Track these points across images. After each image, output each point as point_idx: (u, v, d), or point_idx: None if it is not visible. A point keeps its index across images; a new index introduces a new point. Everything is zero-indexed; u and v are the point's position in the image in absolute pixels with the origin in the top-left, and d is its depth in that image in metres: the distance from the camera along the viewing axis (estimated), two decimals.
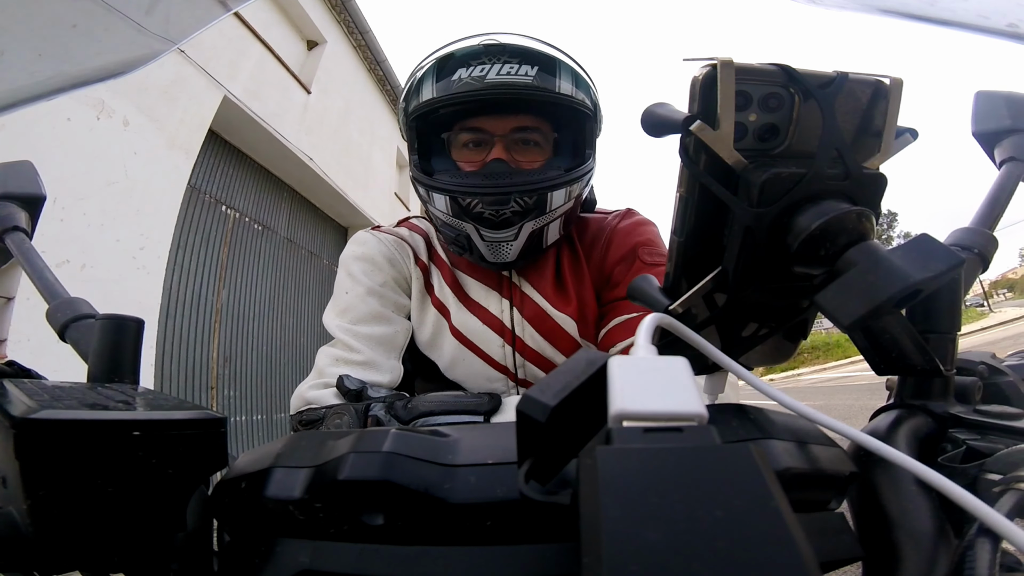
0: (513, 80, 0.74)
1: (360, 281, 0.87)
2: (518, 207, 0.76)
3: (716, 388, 0.40)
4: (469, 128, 0.80)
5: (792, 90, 0.32)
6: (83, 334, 0.48)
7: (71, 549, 0.24)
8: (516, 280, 0.90)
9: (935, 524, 0.29)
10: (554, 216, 0.79)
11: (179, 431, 0.26)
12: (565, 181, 0.78)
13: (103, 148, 3.61)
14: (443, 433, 0.29)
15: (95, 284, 3.41)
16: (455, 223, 0.79)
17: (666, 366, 0.23)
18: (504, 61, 0.74)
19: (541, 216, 0.78)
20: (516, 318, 0.88)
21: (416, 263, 0.92)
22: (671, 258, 0.35)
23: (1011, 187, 0.52)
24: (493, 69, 0.74)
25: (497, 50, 0.75)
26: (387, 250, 0.90)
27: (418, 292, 0.91)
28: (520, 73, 0.74)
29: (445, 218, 0.80)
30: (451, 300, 0.89)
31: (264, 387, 5.53)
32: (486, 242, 0.79)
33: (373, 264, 0.88)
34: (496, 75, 0.74)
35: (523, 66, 0.74)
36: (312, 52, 6.85)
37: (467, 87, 0.74)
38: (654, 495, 0.16)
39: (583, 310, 0.87)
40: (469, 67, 0.75)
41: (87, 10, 0.61)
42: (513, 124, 0.79)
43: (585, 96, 0.81)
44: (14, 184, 0.62)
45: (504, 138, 0.79)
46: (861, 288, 0.27)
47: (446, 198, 0.77)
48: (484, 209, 0.75)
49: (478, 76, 0.74)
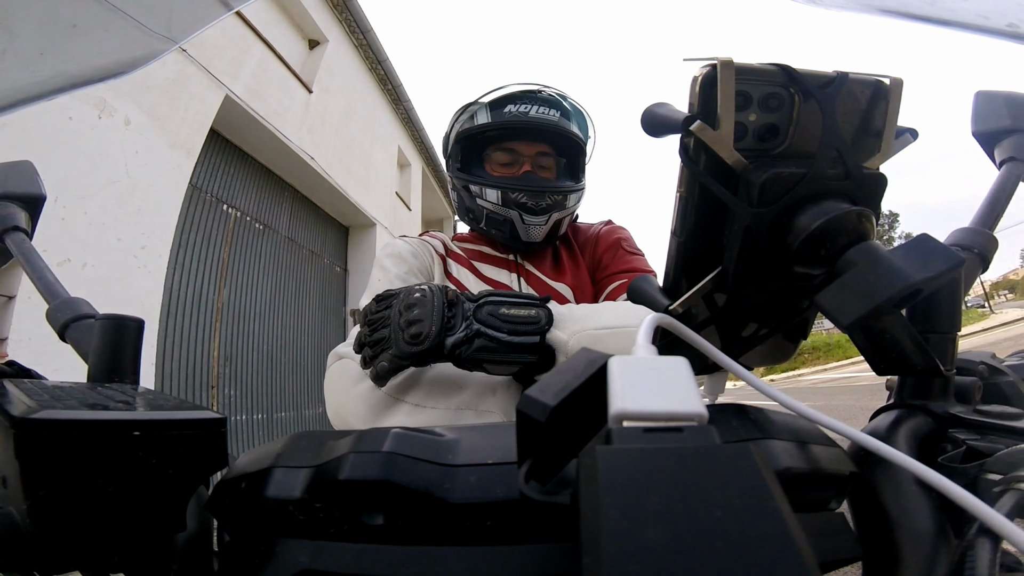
0: (545, 119, 1.04)
1: (389, 270, 1.02)
2: (550, 201, 1.03)
3: (716, 388, 0.40)
4: (506, 148, 1.06)
5: (792, 90, 0.32)
6: (83, 334, 0.48)
7: (71, 549, 0.24)
8: (521, 262, 1.13)
9: (935, 524, 0.29)
10: (568, 212, 1.08)
11: (179, 431, 0.26)
12: (576, 189, 1.08)
13: (105, 147, 3.61)
14: (443, 433, 0.29)
15: (96, 283, 3.41)
16: (502, 211, 1.04)
17: (666, 366, 0.23)
18: (540, 104, 1.05)
19: (562, 210, 1.05)
20: (523, 287, 1.09)
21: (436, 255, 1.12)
22: (671, 258, 0.35)
23: (1011, 187, 0.52)
24: (533, 109, 1.04)
25: (534, 96, 1.06)
26: (412, 248, 1.08)
27: (439, 276, 1.10)
28: (550, 115, 1.05)
29: (494, 207, 1.05)
30: (468, 277, 1.10)
31: (265, 386, 5.52)
32: (526, 224, 1.04)
33: (400, 258, 1.05)
34: (535, 113, 1.04)
35: (552, 110, 1.05)
36: (314, 51, 6.85)
37: (515, 118, 1.04)
38: (654, 495, 0.16)
39: (578, 282, 1.10)
40: (517, 104, 1.05)
41: (89, 9, 0.61)
42: (537, 149, 1.07)
43: (583, 136, 1.12)
44: (14, 184, 0.62)
45: (530, 159, 1.07)
46: (861, 288, 0.27)
47: (498, 191, 1.03)
48: (528, 200, 1.02)
49: (523, 112, 1.04)
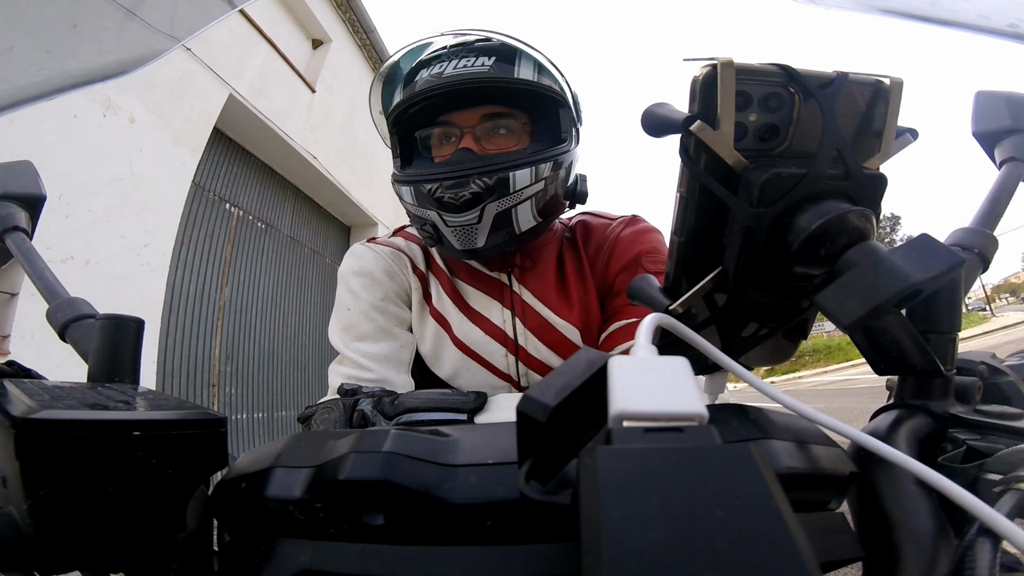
0: (470, 72, 0.78)
1: (361, 297, 0.88)
2: (477, 188, 0.76)
3: (716, 388, 0.40)
4: (438, 123, 0.82)
5: (792, 90, 0.32)
6: (83, 334, 0.48)
7: (71, 549, 0.24)
8: (517, 288, 0.90)
9: (935, 524, 0.29)
10: (521, 198, 0.79)
11: (179, 431, 0.26)
12: (527, 161, 0.78)
13: (109, 145, 3.62)
14: (443, 433, 0.29)
15: (99, 280, 3.42)
16: (420, 212, 0.81)
17: (666, 366, 0.23)
18: (461, 56, 0.79)
19: (505, 197, 0.78)
20: (519, 328, 0.88)
21: (414, 273, 0.93)
22: (671, 258, 0.35)
23: (1011, 187, 0.52)
24: (450, 65, 0.78)
25: (456, 49, 0.80)
26: (385, 263, 0.91)
27: (417, 302, 0.91)
28: (477, 65, 0.78)
29: (412, 209, 0.82)
30: (451, 310, 0.90)
31: (266, 385, 5.53)
32: (450, 227, 0.79)
33: (372, 279, 0.89)
34: (453, 70, 0.78)
35: (480, 58, 0.78)
36: (317, 51, 6.86)
37: (428, 84, 0.79)
38: (654, 495, 0.16)
39: (587, 317, 0.88)
40: (430, 67, 0.80)
41: (94, 7, 0.62)
42: (479, 114, 0.81)
43: (551, 82, 0.83)
44: (14, 184, 0.62)
45: (472, 129, 0.81)
46: (861, 288, 0.27)
47: (411, 188, 0.80)
48: (444, 193, 0.76)
49: (436, 73, 0.79)
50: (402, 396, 0.65)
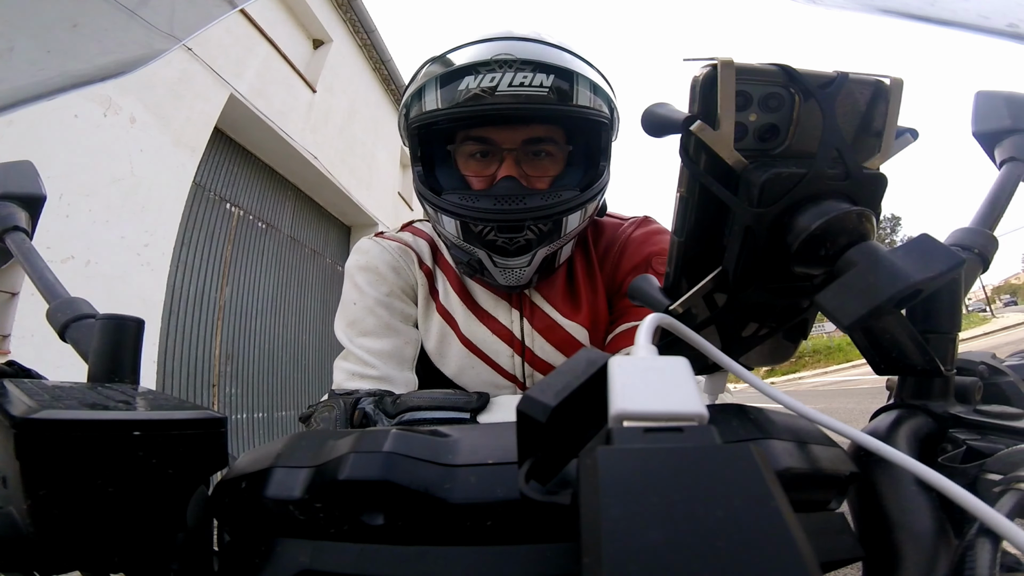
0: (527, 92, 0.67)
1: (366, 292, 0.86)
2: (532, 234, 0.71)
3: (716, 388, 0.40)
4: (476, 138, 0.74)
5: (792, 90, 0.32)
6: (83, 334, 0.48)
7: (71, 549, 0.24)
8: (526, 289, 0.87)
9: (935, 524, 0.29)
10: (569, 239, 0.76)
11: (179, 431, 0.26)
12: (581, 203, 0.73)
13: (109, 145, 3.62)
14: (443, 433, 0.29)
15: (99, 280, 3.41)
16: (466, 247, 0.75)
17: (666, 366, 0.23)
18: (517, 69, 0.67)
19: (555, 241, 0.74)
20: (526, 329, 0.87)
21: (420, 268, 0.91)
22: (671, 258, 0.35)
23: (1011, 187, 0.52)
24: (505, 79, 0.67)
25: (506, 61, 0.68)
26: (391, 258, 0.89)
27: (423, 299, 0.90)
28: (534, 84, 0.67)
29: (455, 241, 0.76)
30: (458, 308, 0.88)
31: (266, 385, 5.53)
32: (499, 268, 0.75)
33: (377, 274, 0.87)
34: (508, 86, 0.67)
35: (537, 75, 0.67)
36: (318, 51, 6.85)
37: (476, 100, 0.68)
38: (654, 495, 0.16)
39: (595, 319, 0.86)
40: (478, 75, 0.68)
41: (94, 7, 0.62)
42: (524, 136, 0.72)
43: (603, 104, 0.75)
44: (14, 184, 0.62)
45: (514, 152, 0.73)
46: (861, 288, 0.27)
47: (456, 222, 0.72)
48: (497, 237, 0.71)
49: (488, 88, 0.67)
50: (403, 396, 0.65)
